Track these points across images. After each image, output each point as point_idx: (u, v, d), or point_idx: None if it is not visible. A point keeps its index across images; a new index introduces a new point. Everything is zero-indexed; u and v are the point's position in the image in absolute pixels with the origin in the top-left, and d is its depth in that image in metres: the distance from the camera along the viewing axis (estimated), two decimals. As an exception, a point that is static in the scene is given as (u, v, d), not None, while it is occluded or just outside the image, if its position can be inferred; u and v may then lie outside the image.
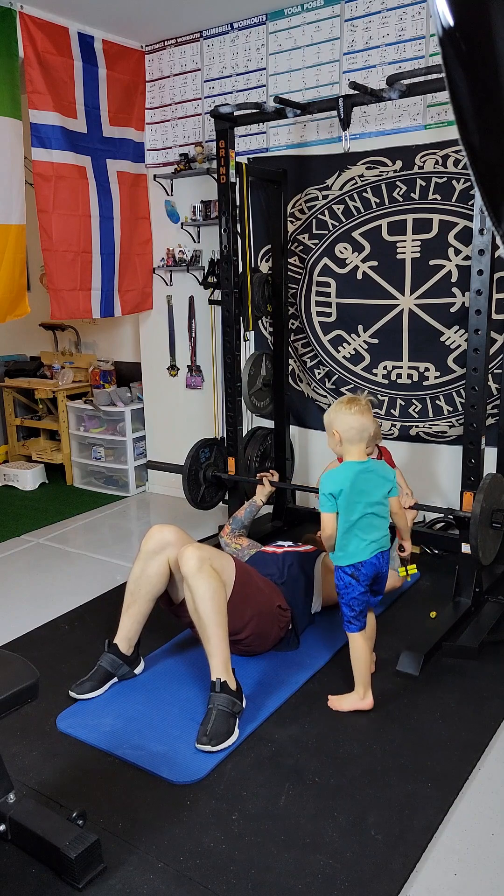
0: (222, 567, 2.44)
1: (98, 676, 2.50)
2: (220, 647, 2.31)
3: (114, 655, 2.54)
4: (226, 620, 2.34)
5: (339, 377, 3.96)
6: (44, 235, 3.94)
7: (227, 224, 3.53)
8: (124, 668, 2.55)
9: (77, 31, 3.88)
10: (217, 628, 2.31)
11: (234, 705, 2.26)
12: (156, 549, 2.56)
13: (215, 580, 2.34)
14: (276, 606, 2.66)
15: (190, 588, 2.33)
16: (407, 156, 3.50)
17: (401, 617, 3.04)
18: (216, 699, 2.25)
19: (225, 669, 2.30)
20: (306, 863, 1.79)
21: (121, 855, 1.83)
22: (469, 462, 2.89)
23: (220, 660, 2.30)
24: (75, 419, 5.13)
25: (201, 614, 2.31)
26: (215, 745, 2.17)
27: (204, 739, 2.18)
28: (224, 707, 2.23)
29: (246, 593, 2.52)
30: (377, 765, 2.14)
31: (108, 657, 2.54)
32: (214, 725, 2.19)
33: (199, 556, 2.36)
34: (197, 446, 3.72)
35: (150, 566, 2.55)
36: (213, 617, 2.31)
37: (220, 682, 2.27)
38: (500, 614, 2.92)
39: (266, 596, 2.64)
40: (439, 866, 1.79)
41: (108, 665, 2.52)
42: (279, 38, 3.84)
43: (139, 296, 4.61)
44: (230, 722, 2.23)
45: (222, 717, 2.22)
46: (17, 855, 1.83)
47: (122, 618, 2.58)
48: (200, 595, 2.31)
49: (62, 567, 3.74)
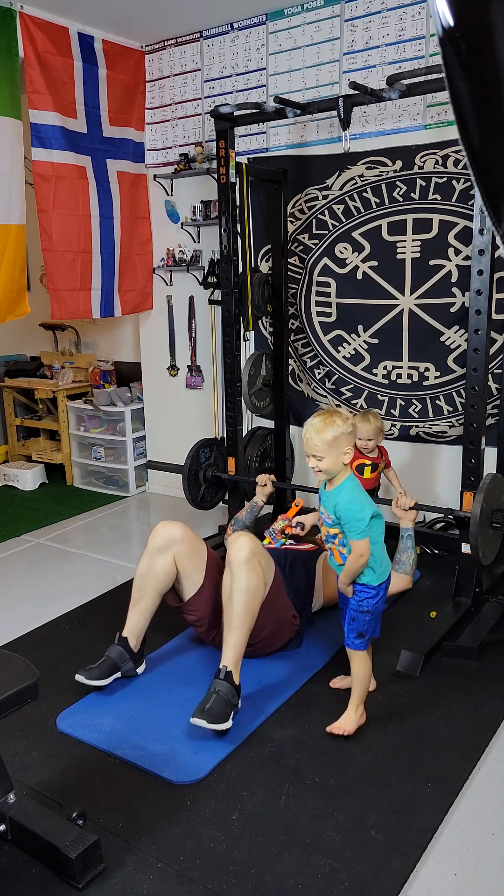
0: (267, 566, 2.47)
1: (106, 666, 2.50)
2: (240, 642, 2.33)
3: (123, 648, 2.55)
4: (254, 618, 2.36)
5: (339, 377, 3.96)
6: (44, 235, 3.94)
7: (227, 224, 3.53)
8: (129, 664, 2.56)
9: (77, 31, 3.88)
10: (243, 624, 2.33)
11: (233, 696, 2.26)
12: (162, 545, 2.57)
13: (259, 576, 2.36)
14: (291, 616, 2.69)
15: (233, 575, 2.35)
16: (407, 156, 3.50)
17: (401, 617, 3.04)
18: (219, 685, 2.26)
19: (235, 663, 2.31)
20: (306, 863, 1.79)
21: (121, 855, 1.83)
22: (469, 462, 2.89)
23: (234, 653, 2.32)
24: (75, 419, 5.13)
25: (235, 605, 2.32)
26: (210, 723, 2.16)
27: (200, 714, 2.17)
28: (224, 693, 2.24)
29: (275, 599, 2.54)
30: (377, 765, 2.14)
31: (117, 649, 2.54)
32: (213, 706, 2.20)
33: (252, 548, 2.38)
34: (197, 446, 3.72)
35: (156, 562, 2.56)
36: (244, 612, 2.32)
37: (226, 670, 2.28)
38: (500, 614, 2.92)
39: (286, 604, 2.67)
40: (439, 866, 1.79)
41: (116, 657, 2.53)
42: (279, 38, 3.84)
43: (139, 296, 4.61)
44: (227, 709, 2.23)
45: (221, 701, 2.22)
46: (17, 855, 1.83)
47: (130, 614, 2.60)
48: (240, 587, 2.33)
49: (62, 567, 3.74)
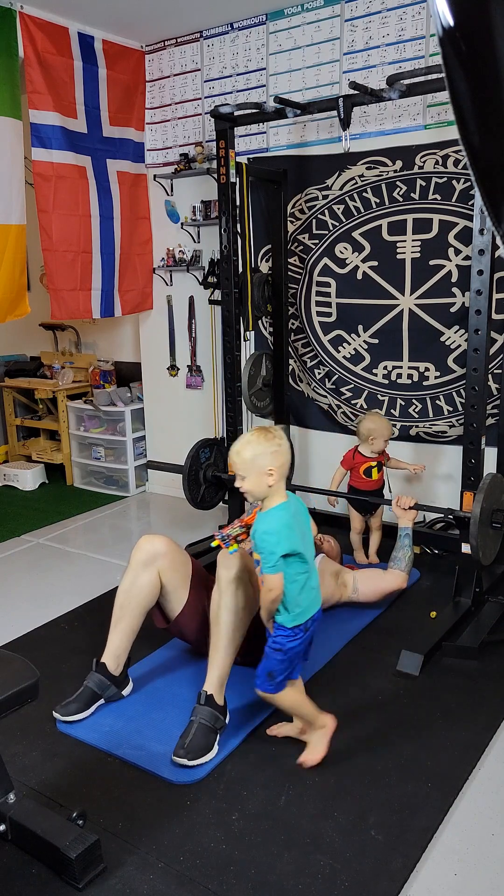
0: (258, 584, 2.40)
1: (84, 698, 2.40)
2: (225, 662, 2.28)
3: (101, 676, 2.43)
4: (241, 638, 2.30)
5: (339, 377, 3.96)
6: (44, 235, 3.94)
7: (227, 224, 3.52)
8: (112, 690, 2.44)
9: (77, 31, 3.88)
10: (229, 644, 2.27)
11: (217, 720, 2.21)
12: (146, 560, 2.49)
13: (248, 594, 2.29)
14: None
15: (221, 593, 2.28)
16: (407, 156, 3.50)
17: (401, 617, 3.04)
18: (199, 711, 2.21)
19: (218, 685, 2.26)
20: (306, 863, 1.79)
21: (121, 855, 1.83)
22: (469, 462, 2.89)
23: (218, 675, 2.27)
24: (75, 419, 5.13)
25: (222, 624, 2.27)
26: (191, 760, 2.12)
27: (181, 752, 2.13)
28: (206, 721, 2.19)
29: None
30: (377, 765, 2.14)
31: (95, 677, 2.42)
32: (193, 739, 2.15)
33: (241, 565, 2.29)
34: (197, 446, 3.71)
35: (140, 578, 2.48)
36: (231, 632, 2.27)
37: (205, 695, 2.23)
38: (500, 614, 2.91)
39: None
40: (439, 866, 1.79)
41: (94, 686, 2.42)
42: (279, 38, 3.84)
43: (139, 296, 4.61)
44: (210, 737, 2.19)
45: (202, 731, 2.18)
46: (17, 855, 1.83)
47: (111, 634, 2.48)
48: (228, 605, 2.26)
49: (62, 567, 3.74)
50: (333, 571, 3.00)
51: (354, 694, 2.50)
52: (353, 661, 2.71)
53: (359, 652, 2.78)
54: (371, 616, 3.02)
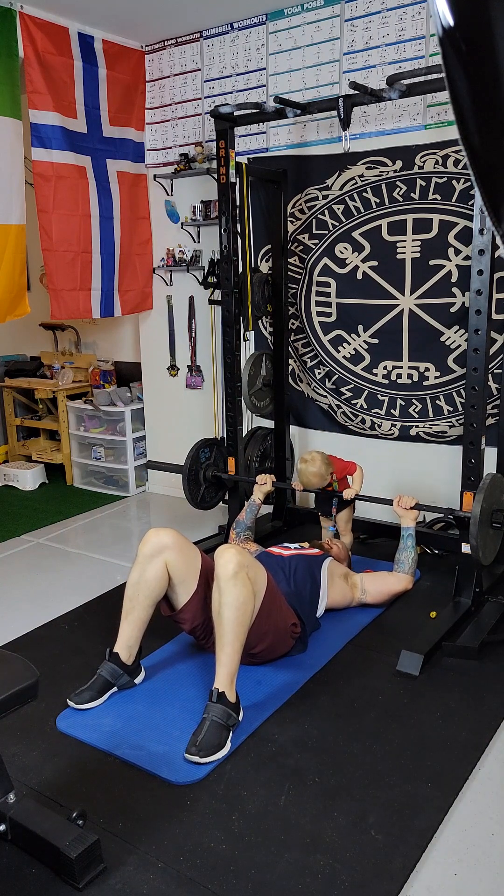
0: (256, 577, 2.39)
1: (97, 686, 2.46)
2: (233, 658, 2.28)
3: (114, 665, 2.48)
4: (246, 632, 2.31)
5: (340, 377, 3.96)
6: (44, 235, 3.94)
7: (227, 224, 3.52)
8: (124, 678, 2.51)
9: (77, 31, 3.88)
10: (235, 639, 2.28)
11: (230, 718, 2.22)
12: (153, 552, 2.52)
13: (248, 590, 2.29)
14: (291, 624, 2.64)
15: (220, 591, 2.29)
16: (407, 156, 3.50)
17: (401, 617, 3.04)
18: (212, 709, 2.22)
19: (229, 682, 2.26)
20: (306, 863, 1.79)
21: (121, 855, 1.82)
22: (469, 462, 2.89)
23: (228, 671, 2.27)
24: (75, 419, 5.13)
25: (224, 621, 2.27)
26: (203, 758, 2.13)
27: (193, 750, 2.14)
28: (218, 718, 2.20)
29: (271, 609, 2.50)
30: (377, 765, 2.14)
31: (108, 666, 2.49)
32: (206, 737, 2.16)
33: (238, 561, 2.30)
34: (197, 446, 3.71)
35: (147, 570, 2.51)
36: (235, 627, 2.27)
37: (217, 692, 2.24)
38: (500, 614, 2.92)
39: (285, 613, 2.63)
40: (439, 866, 1.79)
41: (108, 675, 2.47)
42: (279, 38, 3.84)
43: (139, 296, 4.61)
44: (223, 734, 2.19)
45: (215, 728, 2.19)
46: (17, 855, 1.83)
47: (122, 625, 2.53)
48: (229, 602, 2.27)
49: (62, 567, 3.74)
50: (342, 574, 3.04)
51: (354, 694, 2.50)
52: (353, 661, 2.71)
53: (359, 652, 2.77)
54: (371, 616, 3.02)
